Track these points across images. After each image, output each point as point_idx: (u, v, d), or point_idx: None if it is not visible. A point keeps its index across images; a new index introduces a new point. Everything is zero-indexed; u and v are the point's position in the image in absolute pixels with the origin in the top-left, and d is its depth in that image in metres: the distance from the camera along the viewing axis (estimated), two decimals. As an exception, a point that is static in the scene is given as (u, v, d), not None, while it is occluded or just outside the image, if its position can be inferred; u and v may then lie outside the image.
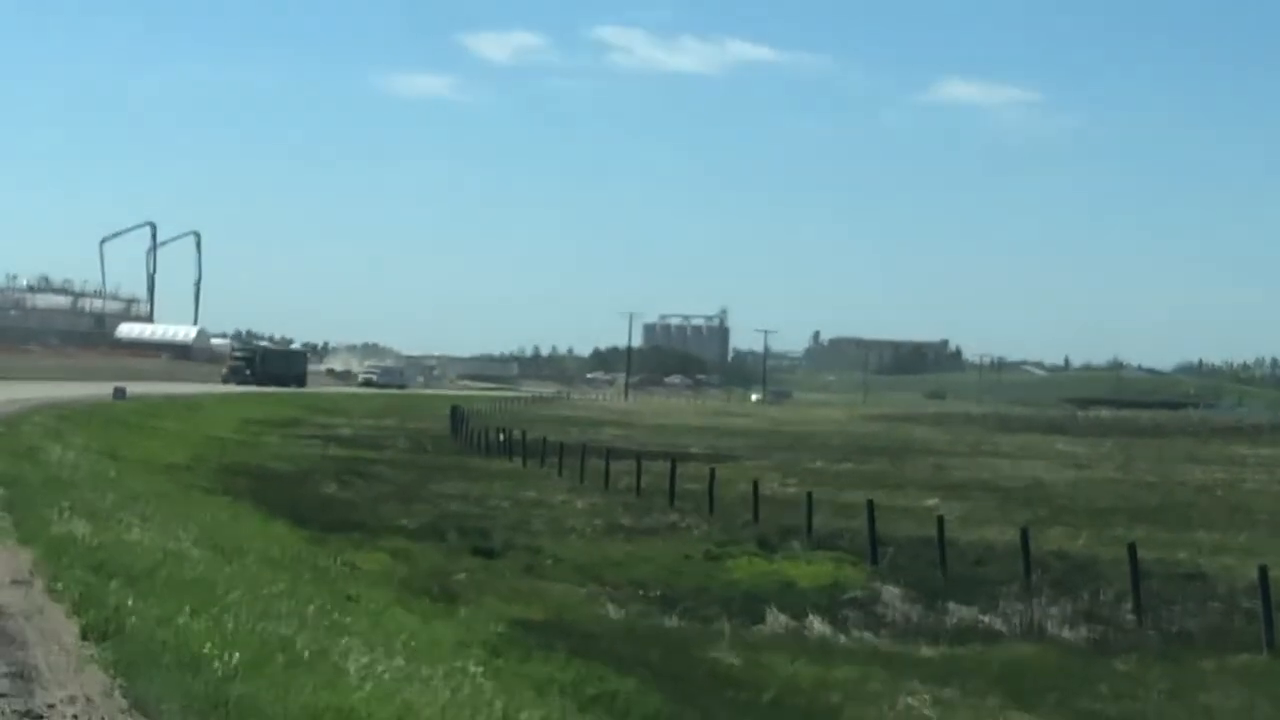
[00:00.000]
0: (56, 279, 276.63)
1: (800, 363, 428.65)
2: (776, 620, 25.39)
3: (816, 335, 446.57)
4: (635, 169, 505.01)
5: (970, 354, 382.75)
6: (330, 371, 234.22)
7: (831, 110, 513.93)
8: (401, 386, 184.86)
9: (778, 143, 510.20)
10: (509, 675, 16.69)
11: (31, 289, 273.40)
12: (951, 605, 27.23)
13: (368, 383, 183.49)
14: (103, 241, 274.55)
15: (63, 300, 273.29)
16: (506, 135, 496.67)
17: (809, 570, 31.59)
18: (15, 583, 15.98)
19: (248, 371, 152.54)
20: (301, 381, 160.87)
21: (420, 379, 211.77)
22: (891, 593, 28.56)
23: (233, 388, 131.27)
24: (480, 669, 15.97)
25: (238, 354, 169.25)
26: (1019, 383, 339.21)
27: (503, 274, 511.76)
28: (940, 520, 32.94)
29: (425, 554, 30.91)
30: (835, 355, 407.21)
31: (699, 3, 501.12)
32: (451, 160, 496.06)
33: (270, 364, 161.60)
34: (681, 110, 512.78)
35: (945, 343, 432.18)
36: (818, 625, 25.18)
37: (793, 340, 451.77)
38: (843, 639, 24.47)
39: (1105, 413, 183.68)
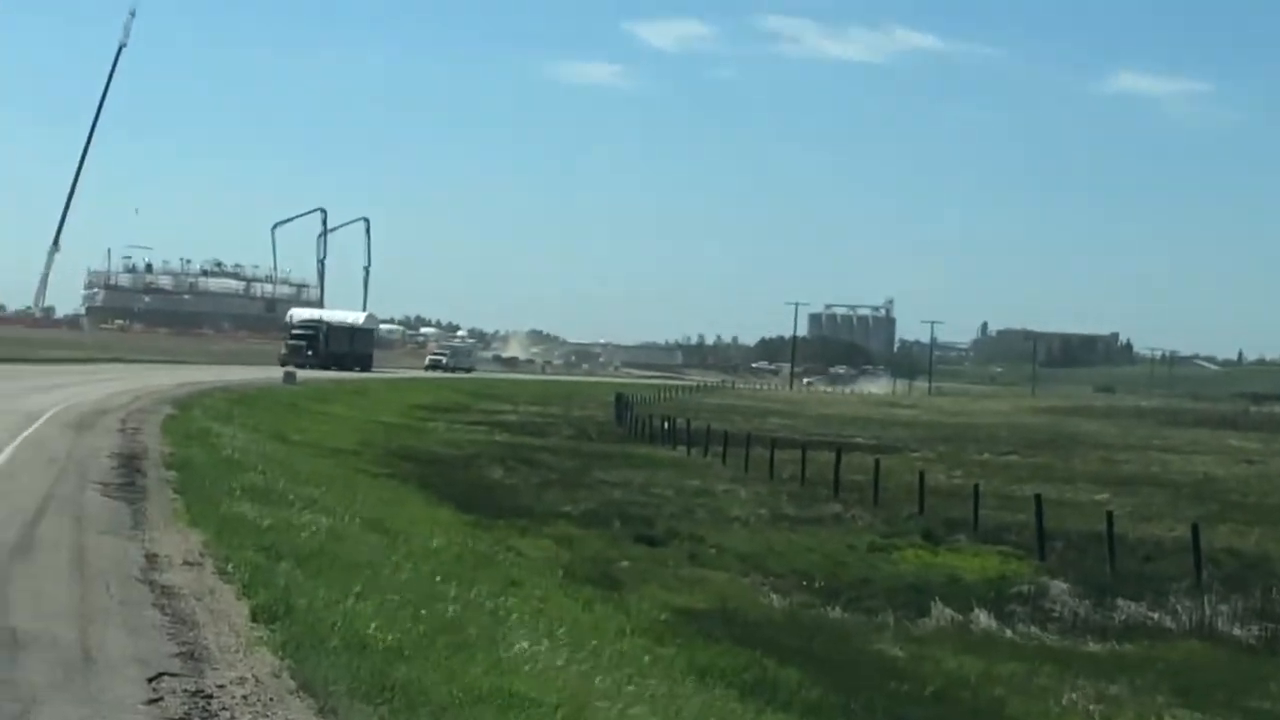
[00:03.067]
0: (229, 264, 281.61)
1: (967, 354, 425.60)
2: (941, 613, 25.24)
3: (984, 326, 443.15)
4: (802, 158, 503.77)
5: (1141, 347, 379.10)
6: (496, 357, 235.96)
7: (1000, 100, 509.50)
8: (469, 369, 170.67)
9: (946, 132, 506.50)
10: (671, 662, 16.70)
11: (205, 273, 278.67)
12: (1120, 601, 26.96)
13: (435, 364, 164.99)
14: (275, 227, 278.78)
15: (235, 285, 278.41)
16: (673, 123, 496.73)
17: (975, 563, 31.40)
18: (186, 564, 16.18)
19: (309, 351, 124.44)
20: (366, 364, 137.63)
21: (474, 358, 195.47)
22: (1059, 588, 28.31)
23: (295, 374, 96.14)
24: (643, 656, 15.99)
25: (298, 331, 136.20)
26: (1191, 377, 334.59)
27: (668, 262, 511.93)
28: (1109, 515, 32.60)
29: (589, 541, 30.96)
30: (1003, 347, 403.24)
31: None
32: (618, 148, 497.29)
33: (334, 343, 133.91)
34: (848, 99, 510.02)
35: (1116, 336, 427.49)
36: (983, 619, 25.01)
37: (960, 331, 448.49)
38: (1008, 633, 24.30)
39: (1279, 408, 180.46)
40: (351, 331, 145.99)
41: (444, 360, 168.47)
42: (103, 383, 61.43)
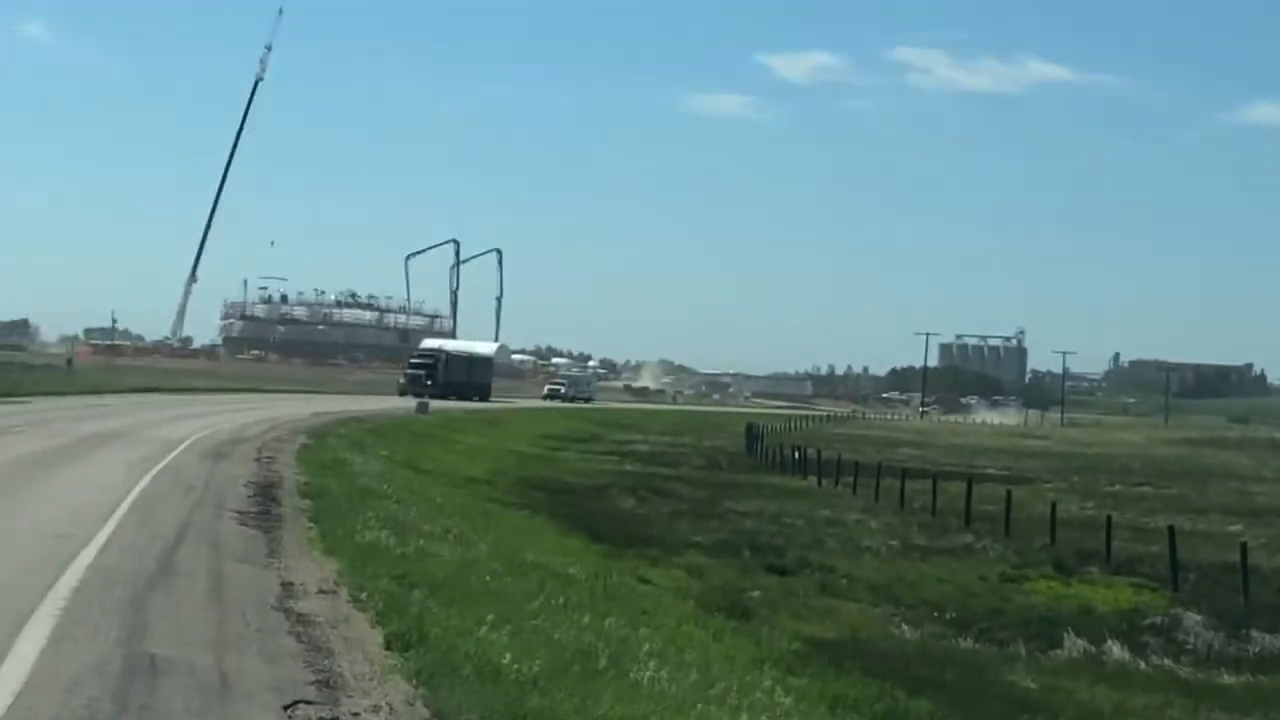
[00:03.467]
0: (363, 295, 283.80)
1: (1100, 385, 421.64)
2: (1074, 645, 25.05)
3: (1116, 357, 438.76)
4: (933, 188, 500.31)
5: (1275, 378, 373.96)
6: (628, 387, 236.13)
7: (1131, 130, 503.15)
8: (588, 399, 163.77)
9: (1077, 162, 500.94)
10: (803, 693, 16.70)
11: (339, 304, 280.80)
12: (1254, 633, 26.65)
13: (553, 394, 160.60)
14: (408, 258, 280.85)
15: (368, 315, 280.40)
16: (804, 154, 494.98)
17: (1108, 595, 31.15)
18: (321, 592, 16.37)
19: (428, 381, 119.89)
20: (485, 393, 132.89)
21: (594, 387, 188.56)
22: (1193, 619, 28.00)
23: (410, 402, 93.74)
24: (774, 686, 16.00)
25: (416, 360, 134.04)
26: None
27: (798, 292, 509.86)
28: (1243, 546, 32.23)
29: (719, 571, 30.98)
30: (1135, 377, 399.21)
31: (999, 23, 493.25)
32: (749, 179, 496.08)
33: (452, 372, 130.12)
34: (979, 130, 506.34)
35: (1249, 367, 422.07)
36: (1116, 651, 24.79)
37: (1092, 362, 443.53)
38: (1142, 665, 24.08)
39: None
40: (469, 361, 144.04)
41: (562, 390, 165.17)
42: (238, 412, 62.22)
